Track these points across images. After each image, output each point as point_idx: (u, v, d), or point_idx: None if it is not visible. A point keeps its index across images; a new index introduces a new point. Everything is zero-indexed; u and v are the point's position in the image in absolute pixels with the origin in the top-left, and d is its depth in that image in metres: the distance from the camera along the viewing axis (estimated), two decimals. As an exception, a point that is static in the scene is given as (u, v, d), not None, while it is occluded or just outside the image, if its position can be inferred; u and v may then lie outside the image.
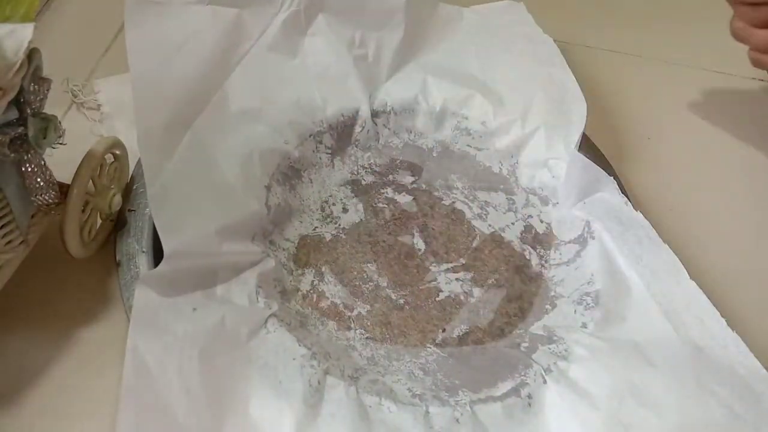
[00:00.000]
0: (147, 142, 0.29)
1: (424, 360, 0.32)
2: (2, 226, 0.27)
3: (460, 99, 0.41)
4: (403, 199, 0.39)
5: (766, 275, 0.36)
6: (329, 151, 0.39)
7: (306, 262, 0.36)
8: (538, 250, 0.37)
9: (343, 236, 0.37)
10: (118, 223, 0.35)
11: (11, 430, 0.29)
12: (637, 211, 0.34)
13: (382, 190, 0.39)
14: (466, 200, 0.40)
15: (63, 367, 0.31)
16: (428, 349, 0.33)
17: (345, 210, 0.38)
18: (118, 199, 0.34)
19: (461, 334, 0.34)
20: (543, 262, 0.37)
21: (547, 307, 0.35)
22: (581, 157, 0.37)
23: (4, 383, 0.30)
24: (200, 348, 0.28)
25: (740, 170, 0.43)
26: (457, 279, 0.36)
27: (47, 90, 0.27)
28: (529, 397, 0.30)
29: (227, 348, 0.29)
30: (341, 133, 0.40)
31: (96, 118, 0.41)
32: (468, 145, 0.41)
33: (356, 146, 0.40)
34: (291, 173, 0.38)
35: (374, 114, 0.40)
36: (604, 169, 0.36)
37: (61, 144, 0.28)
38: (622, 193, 0.35)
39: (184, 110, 0.32)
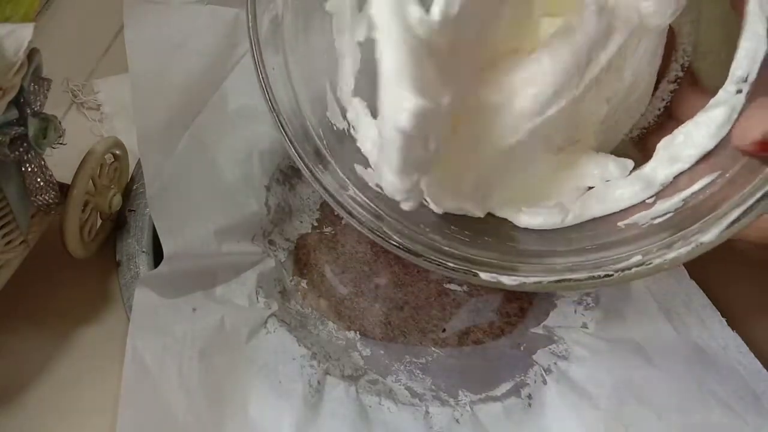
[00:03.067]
0: (146, 142, 0.29)
1: (424, 360, 0.32)
2: (2, 226, 0.27)
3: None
4: (403, 198, 0.39)
5: (766, 275, 0.36)
6: (329, 151, 0.39)
7: (306, 262, 0.36)
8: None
9: (343, 236, 0.37)
10: (118, 223, 0.35)
11: (11, 429, 0.29)
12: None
13: (382, 190, 0.39)
14: (466, 200, 0.40)
15: (63, 367, 0.31)
16: (428, 349, 0.33)
17: (345, 210, 0.38)
18: (118, 199, 0.34)
19: (461, 334, 0.34)
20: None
21: (547, 307, 0.35)
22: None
23: (5, 383, 0.30)
24: (200, 348, 0.28)
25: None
26: (457, 278, 0.36)
27: (47, 90, 0.27)
28: (530, 397, 0.30)
29: (227, 348, 0.29)
30: (341, 133, 0.40)
31: (96, 118, 0.41)
32: (468, 145, 0.41)
33: (356, 146, 0.40)
34: (291, 173, 0.37)
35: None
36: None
37: (61, 144, 0.28)
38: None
39: (184, 110, 0.32)
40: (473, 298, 0.35)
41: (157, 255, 0.32)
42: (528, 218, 0.26)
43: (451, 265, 0.25)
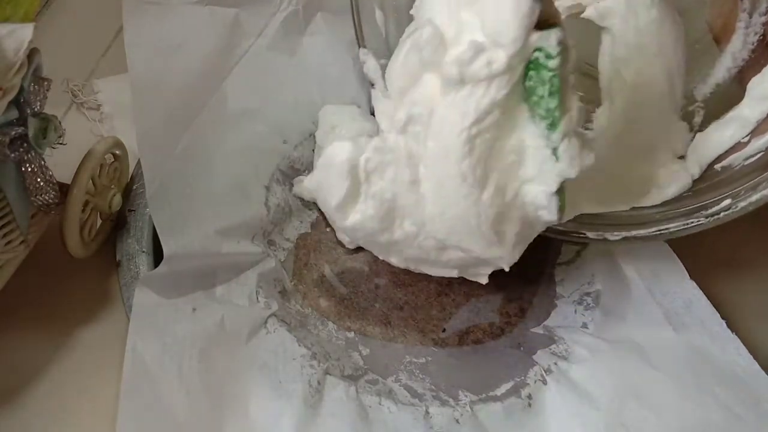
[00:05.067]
0: (146, 142, 0.29)
1: (424, 360, 0.32)
2: (2, 226, 0.27)
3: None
4: (403, 198, 0.39)
5: (765, 276, 0.36)
6: (329, 151, 0.39)
7: (306, 262, 0.36)
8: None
9: (343, 236, 0.37)
10: (118, 223, 0.35)
11: (11, 429, 0.29)
12: (637, 212, 0.34)
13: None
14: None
15: (63, 367, 0.31)
16: (428, 349, 0.33)
17: (345, 210, 0.38)
18: (118, 199, 0.34)
19: (461, 334, 0.34)
20: (544, 261, 0.37)
21: (548, 307, 0.35)
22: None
23: (4, 383, 0.30)
24: (200, 348, 0.28)
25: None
26: (457, 279, 0.35)
27: (47, 90, 0.27)
28: (530, 397, 0.30)
29: (227, 348, 0.29)
30: (341, 133, 0.40)
31: (96, 118, 0.41)
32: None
33: (356, 146, 0.40)
34: (291, 173, 0.37)
35: (372, 113, 0.40)
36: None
37: (61, 144, 0.28)
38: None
39: (183, 110, 0.32)
40: (473, 298, 0.35)
41: (157, 255, 0.32)
42: (661, 192, 0.28)
43: (561, 229, 0.28)
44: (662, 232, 0.26)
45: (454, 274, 0.31)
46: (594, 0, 0.28)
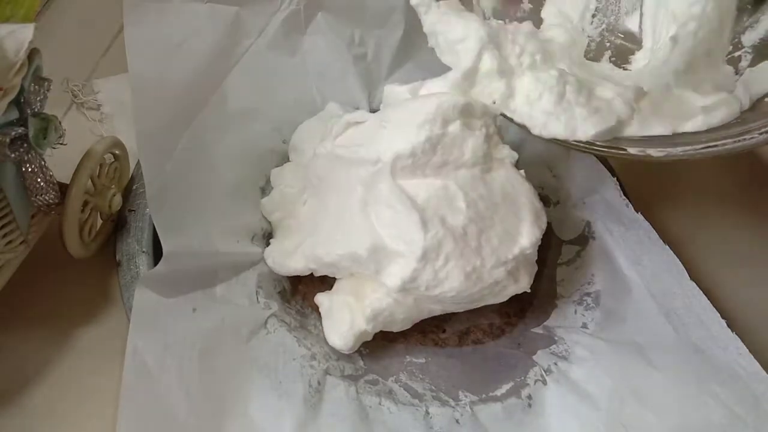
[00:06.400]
0: (146, 142, 0.29)
1: (424, 360, 0.32)
2: (2, 226, 0.27)
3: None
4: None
5: (765, 276, 0.36)
6: (329, 151, 0.39)
7: (306, 262, 0.36)
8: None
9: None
10: (118, 223, 0.35)
11: (11, 429, 0.29)
12: (637, 212, 0.33)
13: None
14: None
15: (63, 367, 0.31)
16: (428, 349, 0.33)
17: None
18: (118, 199, 0.34)
19: (461, 334, 0.33)
20: (543, 261, 0.37)
21: (547, 307, 0.35)
22: (583, 156, 0.36)
23: (4, 383, 0.30)
24: (200, 348, 0.28)
25: (740, 171, 0.43)
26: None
27: (47, 90, 0.27)
28: (530, 397, 0.30)
29: (227, 348, 0.29)
30: (341, 133, 0.40)
31: (96, 118, 0.41)
32: (468, 145, 0.41)
33: (356, 146, 0.40)
34: (290, 173, 0.37)
35: (374, 113, 0.40)
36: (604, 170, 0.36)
37: (61, 144, 0.28)
38: (623, 194, 0.35)
39: (183, 110, 0.32)
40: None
41: (157, 255, 0.32)
42: (707, 118, 0.28)
43: (601, 145, 0.27)
44: (710, 148, 0.26)
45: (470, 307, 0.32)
46: None
